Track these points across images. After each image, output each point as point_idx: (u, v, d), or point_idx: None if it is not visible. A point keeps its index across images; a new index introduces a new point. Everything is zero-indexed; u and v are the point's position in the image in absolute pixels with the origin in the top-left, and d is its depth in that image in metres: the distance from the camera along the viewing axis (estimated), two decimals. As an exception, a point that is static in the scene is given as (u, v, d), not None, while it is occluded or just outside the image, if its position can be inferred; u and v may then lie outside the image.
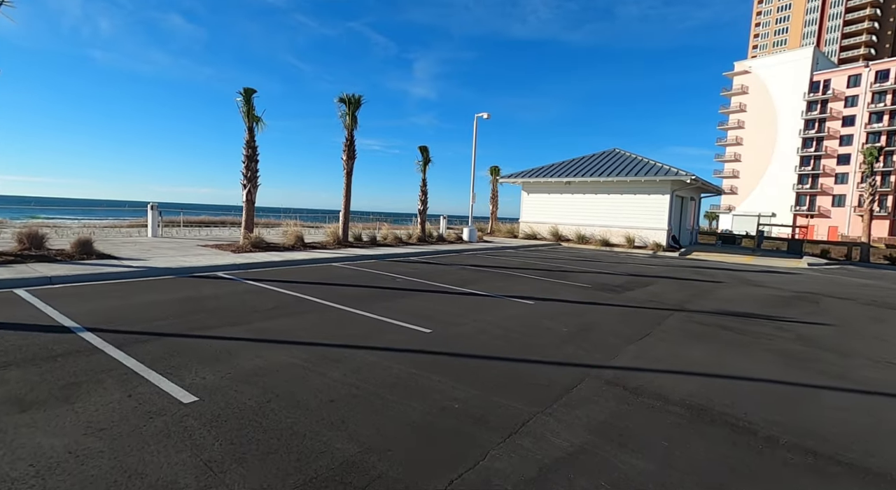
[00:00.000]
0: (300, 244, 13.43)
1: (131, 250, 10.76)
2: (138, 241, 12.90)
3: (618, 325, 6.47)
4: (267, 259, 10.58)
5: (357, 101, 15.19)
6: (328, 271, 10.04)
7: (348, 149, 15.33)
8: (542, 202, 24.40)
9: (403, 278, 9.53)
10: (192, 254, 10.77)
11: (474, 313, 6.69)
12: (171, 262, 9.15)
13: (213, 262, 9.65)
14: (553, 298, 8.18)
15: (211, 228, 23.17)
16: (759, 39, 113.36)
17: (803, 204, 71.76)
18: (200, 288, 7.41)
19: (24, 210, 42.59)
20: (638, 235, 20.77)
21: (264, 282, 8.25)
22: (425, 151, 18.68)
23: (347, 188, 15.42)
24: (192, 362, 4.11)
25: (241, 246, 12.17)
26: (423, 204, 19.02)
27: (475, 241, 20.09)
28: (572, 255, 17.17)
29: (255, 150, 12.62)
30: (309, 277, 9.06)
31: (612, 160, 23.35)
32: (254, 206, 12.76)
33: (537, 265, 13.23)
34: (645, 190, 20.62)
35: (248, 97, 12.31)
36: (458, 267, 11.94)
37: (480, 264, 12.75)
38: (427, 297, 7.69)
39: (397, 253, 13.76)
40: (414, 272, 10.51)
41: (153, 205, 14.28)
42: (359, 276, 9.50)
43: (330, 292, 7.63)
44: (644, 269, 13.40)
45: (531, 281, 10.12)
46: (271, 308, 6.30)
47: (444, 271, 10.98)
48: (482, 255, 15.44)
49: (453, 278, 9.91)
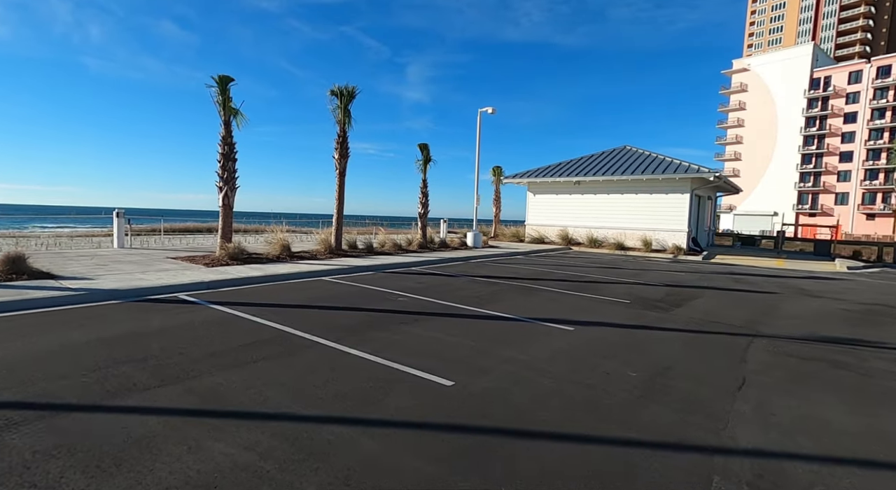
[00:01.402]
0: (286, 254, 11.80)
1: (82, 266, 9.10)
2: (98, 254, 11.22)
3: (696, 363, 4.89)
4: (244, 274, 8.94)
5: (350, 92, 13.61)
6: (317, 289, 8.42)
7: (340, 146, 13.73)
8: (549, 203, 22.87)
9: (407, 296, 7.92)
10: (155, 268, 9.12)
11: (503, 348, 5.10)
12: (122, 282, 7.50)
13: (177, 279, 8.01)
14: (594, 321, 6.60)
15: (195, 236, 21.46)
16: (754, 38, 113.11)
17: (805, 202, 70.77)
18: (148, 319, 5.76)
19: None
20: (655, 238, 19.27)
21: (235, 306, 6.62)
22: (425, 149, 17.10)
23: (340, 190, 13.81)
24: (73, 472, 2.48)
25: (217, 258, 10.52)
26: (424, 207, 17.43)
27: (480, 246, 18.52)
28: (588, 260, 15.63)
29: (233, 147, 10.99)
30: (292, 298, 7.44)
31: (625, 158, 21.87)
32: (232, 211, 11.12)
33: (556, 274, 11.66)
34: (663, 189, 19.14)
35: (223, 86, 10.69)
36: (467, 279, 10.35)
37: (492, 275, 11.17)
38: (438, 324, 6.08)
39: (397, 263, 12.16)
40: (418, 287, 8.91)
41: (119, 211, 12.61)
42: (353, 295, 7.88)
43: (317, 320, 6.01)
44: (676, 278, 11.86)
45: (558, 296, 8.55)
46: (235, 348, 4.68)
47: (452, 285, 9.39)
48: (491, 264, 13.85)
49: (465, 295, 8.32)
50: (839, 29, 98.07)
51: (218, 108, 10.78)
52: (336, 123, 13.79)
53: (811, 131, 69.64)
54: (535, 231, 23.05)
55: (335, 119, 13.78)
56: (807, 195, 70.81)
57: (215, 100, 10.76)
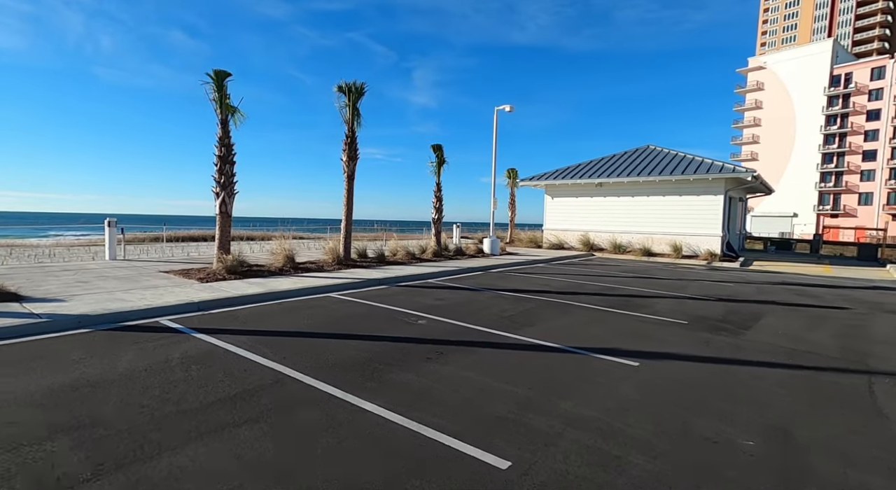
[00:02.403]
0: (290, 266, 10.74)
1: (60, 283, 8.10)
2: (86, 267, 10.25)
3: (818, 420, 3.69)
4: (241, 292, 7.87)
5: (359, 89, 12.57)
6: (323, 309, 7.31)
7: (349, 147, 12.68)
8: (569, 207, 21.64)
9: (427, 318, 6.78)
10: (142, 285, 8.09)
11: (560, 397, 3.93)
12: (98, 304, 6.46)
13: (163, 299, 6.95)
14: (656, 352, 5.41)
15: (197, 244, 20.56)
16: (768, 37, 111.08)
17: (827, 203, 68.53)
18: (115, 356, 4.68)
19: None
20: (686, 243, 17.95)
21: (225, 335, 5.53)
22: (439, 151, 16.01)
23: (349, 195, 12.75)
24: None
25: (213, 271, 9.49)
26: (438, 212, 16.31)
27: (498, 253, 17.35)
28: (617, 268, 14.38)
29: (231, 148, 9.97)
30: (294, 323, 6.33)
31: (649, 158, 20.58)
32: (230, 219, 10.09)
33: (588, 286, 10.45)
34: (694, 190, 17.82)
35: (220, 82, 9.69)
36: (492, 294, 9.19)
37: (519, 288, 9.99)
38: (471, 360, 4.93)
39: (412, 274, 11.04)
40: (439, 306, 7.76)
41: (110, 220, 11.66)
42: (365, 318, 6.76)
43: (322, 355, 4.89)
44: (726, 290, 10.57)
45: (600, 315, 7.35)
46: (214, 403, 3.58)
47: (477, 303, 8.23)
48: (514, 274, 12.67)
49: (495, 315, 7.15)
50: (856, 25, 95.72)
51: (214, 105, 9.78)
52: (344, 123, 12.76)
53: (832, 129, 67.49)
54: (553, 236, 21.82)
55: (343, 118, 12.74)
56: (828, 195, 68.57)
57: (211, 97, 9.76)
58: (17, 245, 19.79)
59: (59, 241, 22.71)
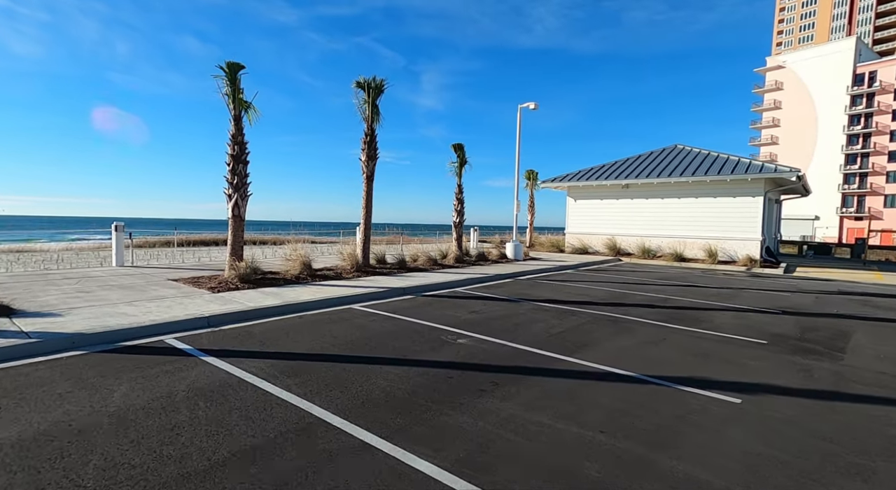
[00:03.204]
0: (307, 273, 9.98)
1: (60, 293, 7.41)
2: (90, 275, 9.59)
3: None
4: (255, 303, 7.11)
5: (378, 85, 11.82)
6: (347, 325, 6.51)
7: (368, 146, 11.93)
8: (593, 209, 20.68)
9: (466, 336, 5.94)
10: (148, 296, 7.38)
11: (662, 450, 3.07)
12: (96, 320, 5.73)
13: (170, 313, 6.21)
14: (751, 383, 4.50)
15: (209, 249, 19.98)
16: (784, 36, 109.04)
17: (850, 205, 66.43)
18: (106, 390, 3.92)
19: (13, 231, 40.18)
20: (721, 248, 16.89)
21: (239, 358, 4.75)
22: (460, 150, 15.19)
23: (368, 197, 11.99)
24: None
25: (225, 280, 8.76)
26: (460, 215, 15.48)
27: (521, 258, 16.46)
28: (652, 275, 13.41)
29: (244, 147, 9.26)
30: (316, 342, 5.53)
31: (679, 158, 19.57)
32: (243, 223, 9.37)
33: (632, 296, 9.53)
34: (730, 191, 16.76)
35: (232, 75, 9.00)
36: (530, 305, 8.33)
37: (557, 298, 9.12)
38: (532, 393, 4.08)
39: (436, 282, 10.20)
40: (476, 320, 6.92)
41: (118, 224, 11.02)
42: (395, 336, 5.94)
43: (352, 386, 4.08)
44: (784, 301, 9.58)
45: (661, 332, 6.44)
46: (224, 461, 2.77)
47: (516, 316, 7.37)
48: (546, 282, 11.79)
49: (542, 332, 6.29)
50: (876, 23, 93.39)
51: (226, 100, 9.08)
52: (363, 121, 12.01)
53: (855, 130, 65.48)
54: (577, 240, 20.86)
55: (361, 116, 12.00)
56: (852, 197, 66.48)
57: (223, 91, 9.07)
58: (27, 250, 19.40)
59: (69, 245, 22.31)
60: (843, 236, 66.58)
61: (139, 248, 21.24)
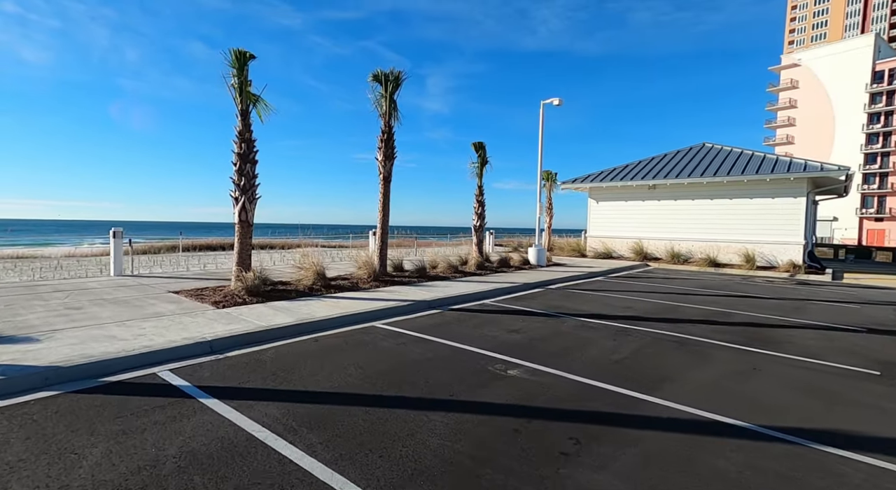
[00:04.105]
0: (320, 283, 9.06)
1: (44, 310, 6.54)
2: (84, 286, 8.74)
3: None
4: (265, 322, 6.19)
5: (396, 78, 10.93)
6: (372, 350, 5.58)
7: (385, 145, 11.02)
8: (616, 212, 19.64)
9: (515, 365, 4.98)
10: (144, 313, 6.49)
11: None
12: (81, 346, 4.83)
13: (166, 337, 5.30)
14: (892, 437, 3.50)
15: (216, 255, 19.18)
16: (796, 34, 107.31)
17: (870, 206, 64.67)
18: (75, 455, 3.00)
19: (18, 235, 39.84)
20: (759, 252, 15.78)
21: (247, 401, 3.82)
22: (482, 150, 14.24)
23: (385, 199, 11.07)
24: None
25: (231, 292, 7.86)
26: (480, 218, 14.52)
27: (544, 264, 15.47)
28: (692, 282, 12.37)
29: (252, 145, 8.37)
30: (340, 376, 4.59)
31: (709, 156, 18.50)
32: (251, 229, 8.48)
33: (686, 310, 8.51)
34: (769, 192, 15.67)
35: (241, 65, 8.12)
36: (574, 322, 7.34)
37: (600, 313, 8.13)
38: (623, 459, 3.11)
39: (462, 294, 9.24)
40: (518, 343, 5.95)
41: (116, 231, 10.17)
42: (433, 365, 4.99)
43: (397, 450, 3.13)
44: (858, 315, 8.52)
45: (743, 358, 5.44)
46: None
47: (564, 336, 6.40)
48: (580, 292, 10.80)
49: (602, 359, 5.31)
50: (892, 20, 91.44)
51: (233, 93, 8.20)
52: (380, 117, 11.11)
53: (874, 128, 63.76)
54: (599, 244, 19.82)
55: (378, 112, 11.10)
56: (871, 198, 64.72)
57: (230, 83, 8.19)
58: (27, 256, 18.68)
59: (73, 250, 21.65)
60: (863, 238, 64.77)
61: (143, 254, 20.53)
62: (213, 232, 44.68)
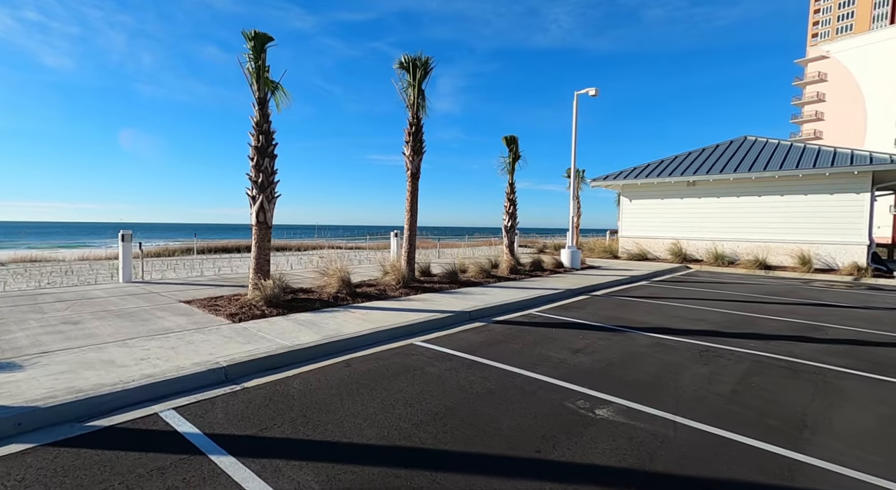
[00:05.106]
0: (346, 290, 8.16)
1: (42, 324, 5.73)
2: (88, 295, 7.97)
3: None
4: (289, 342, 5.28)
5: (425, 64, 9.98)
6: (419, 383, 4.62)
7: (413, 138, 10.08)
8: (652, 210, 18.42)
9: (599, 403, 3.97)
10: (151, 328, 5.64)
11: None
12: (70, 375, 3.97)
13: (173, 362, 4.42)
14: None
15: (231, 257, 18.45)
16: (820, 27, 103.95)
17: (906, 203, 61.71)
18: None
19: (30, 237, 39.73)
20: (815, 253, 14.46)
21: (271, 461, 2.89)
22: (513, 144, 13.22)
23: (412, 197, 10.14)
24: None
25: (249, 302, 6.99)
26: (512, 217, 13.50)
27: (579, 267, 14.38)
28: (750, 288, 11.17)
29: (271, 137, 7.50)
30: (384, 418, 3.63)
31: (754, 150, 17.19)
32: (270, 231, 7.60)
33: (761, 322, 7.40)
34: (827, 187, 14.34)
35: (258, 48, 7.25)
36: (643, 339, 6.30)
37: (667, 326, 7.06)
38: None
39: (503, 302, 8.24)
40: (590, 369, 4.94)
41: (125, 233, 9.41)
42: (497, 405, 4.01)
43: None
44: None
45: (889, 393, 4.35)
46: None
47: (641, 360, 5.37)
48: (630, 300, 9.72)
49: (703, 392, 4.27)
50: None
51: (250, 79, 7.33)
52: (406, 108, 10.18)
53: (910, 122, 60.84)
54: (633, 244, 18.63)
55: (405, 103, 10.17)
56: (907, 195, 61.79)
57: (246, 68, 7.32)
58: (39, 259, 18.19)
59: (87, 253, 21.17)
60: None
61: (156, 256, 19.93)
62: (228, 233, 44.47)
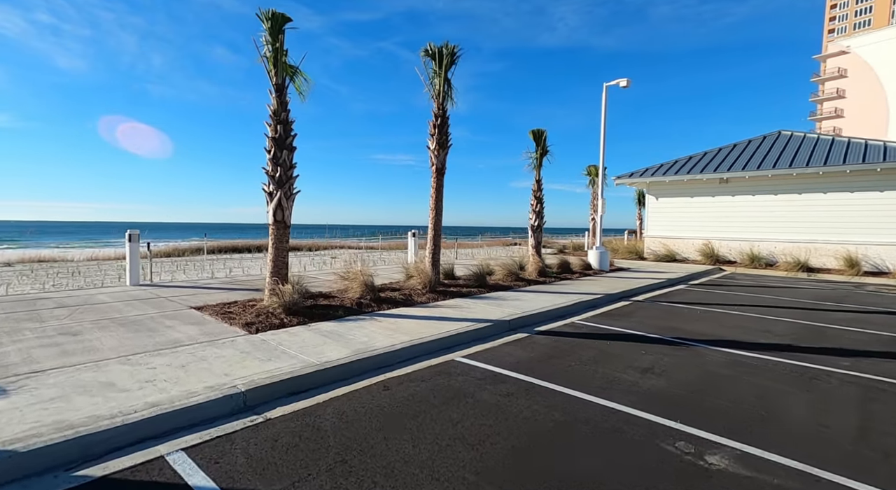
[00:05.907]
0: (369, 296, 7.47)
1: (37, 336, 5.10)
2: (93, 299, 7.36)
3: None
4: (314, 358, 4.59)
5: (451, 52, 9.26)
6: (474, 414, 3.91)
7: (438, 131, 9.37)
8: (680, 209, 17.54)
9: (704, 444, 3.23)
10: (158, 340, 4.98)
11: None
12: (58, 403, 3.31)
13: (183, 386, 3.75)
14: None
15: (241, 258, 17.89)
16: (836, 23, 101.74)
17: (930, 202, 59.84)
18: None
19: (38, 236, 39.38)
20: (864, 255, 13.52)
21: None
22: (541, 139, 12.45)
23: (437, 194, 9.43)
24: None
25: (265, 309, 6.32)
26: (539, 216, 12.73)
27: (607, 268, 13.59)
28: (799, 292, 10.32)
29: (290, 127, 6.82)
30: (444, 465, 2.92)
31: (792, 145, 16.24)
32: (288, 231, 6.93)
33: (835, 333, 6.58)
34: (878, 184, 13.38)
35: (276, 29, 6.57)
36: (714, 353, 5.53)
37: (732, 339, 6.27)
38: None
39: (540, 309, 7.49)
40: (670, 394, 4.19)
41: (132, 233, 8.81)
42: (573, 445, 3.28)
43: None
44: None
45: None
46: None
47: (723, 382, 4.60)
48: (676, 306, 8.92)
49: (822, 430, 3.51)
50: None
51: (266, 64, 6.66)
52: (431, 98, 9.48)
53: (935, 118, 58.97)
54: (660, 245, 17.76)
55: (431, 92, 9.47)
56: (932, 193, 59.89)
57: (262, 52, 6.65)
58: (48, 259, 17.76)
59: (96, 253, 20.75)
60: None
61: (166, 256, 19.43)
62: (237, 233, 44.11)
